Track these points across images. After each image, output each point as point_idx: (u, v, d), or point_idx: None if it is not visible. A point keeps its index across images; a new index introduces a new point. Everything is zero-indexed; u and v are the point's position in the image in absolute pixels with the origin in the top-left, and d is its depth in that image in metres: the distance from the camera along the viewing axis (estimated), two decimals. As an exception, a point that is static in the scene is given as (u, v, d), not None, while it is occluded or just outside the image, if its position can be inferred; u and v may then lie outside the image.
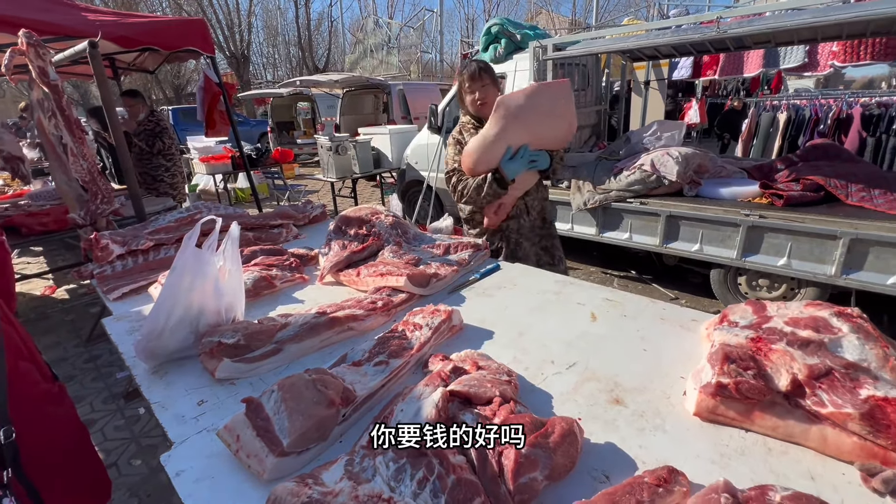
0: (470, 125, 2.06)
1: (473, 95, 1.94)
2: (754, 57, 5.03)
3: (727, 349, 0.90)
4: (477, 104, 1.95)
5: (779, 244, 2.72)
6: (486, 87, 1.93)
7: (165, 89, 22.33)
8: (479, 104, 1.94)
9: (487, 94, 1.94)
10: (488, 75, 1.95)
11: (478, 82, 1.92)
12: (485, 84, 1.93)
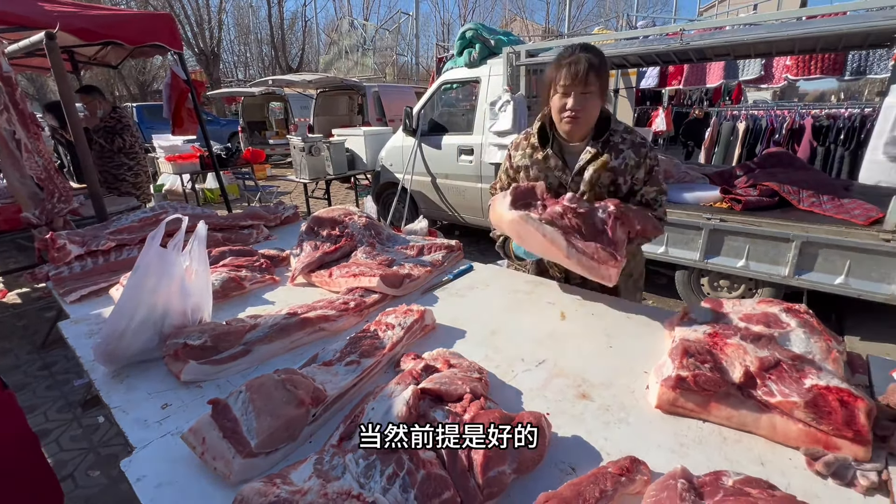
0: (527, 144, 1.52)
1: (566, 100, 1.35)
2: (716, 69, 5.28)
3: (686, 344, 0.94)
4: (565, 114, 1.36)
5: (738, 247, 2.86)
6: (589, 96, 1.33)
7: (129, 85, 21.46)
8: (569, 116, 1.36)
9: (586, 106, 1.34)
10: (598, 80, 1.33)
11: (579, 86, 1.32)
12: (588, 92, 1.33)
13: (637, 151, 1.41)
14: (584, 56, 1.32)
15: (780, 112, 5.44)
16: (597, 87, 1.34)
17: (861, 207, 2.74)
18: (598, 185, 1.42)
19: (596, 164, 1.41)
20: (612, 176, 1.41)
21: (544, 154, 1.48)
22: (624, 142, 1.42)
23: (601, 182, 1.42)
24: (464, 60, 4.38)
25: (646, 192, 1.45)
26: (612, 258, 1.17)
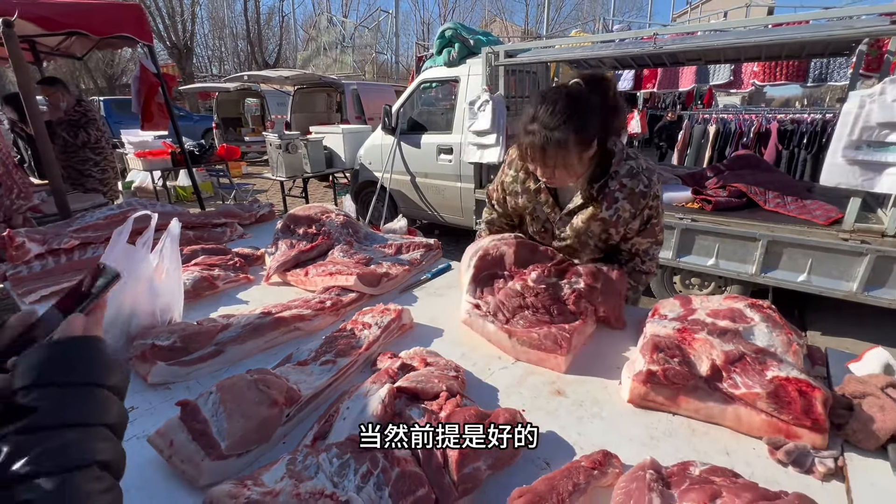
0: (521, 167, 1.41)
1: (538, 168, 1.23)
2: (688, 73, 5.44)
3: (656, 339, 0.97)
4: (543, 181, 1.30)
5: (708, 245, 2.95)
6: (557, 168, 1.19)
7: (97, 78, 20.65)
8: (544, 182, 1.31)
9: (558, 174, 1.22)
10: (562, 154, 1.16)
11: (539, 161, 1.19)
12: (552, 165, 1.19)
13: (634, 203, 1.27)
14: (543, 133, 1.14)
15: (748, 116, 5.64)
16: (564, 157, 1.16)
17: (822, 208, 2.87)
18: (587, 234, 1.35)
19: (585, 213, 1.32)
20: (603, 226, 1.32)
21: (537, 186, 1.39)
22: (622, 189, 1.27)
23: (590, 231, 1.34)
24: (443, 59, 4.38)
25: (637, 243, 1.35)
26: (557, 348, 1.05)
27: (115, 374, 0.49)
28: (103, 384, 0.47)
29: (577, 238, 1.37)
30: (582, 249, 1.41)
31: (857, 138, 2.33)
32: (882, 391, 0.82)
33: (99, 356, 0.49)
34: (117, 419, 0.47)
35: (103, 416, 0.46)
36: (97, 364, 0.48)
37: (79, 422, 0.43)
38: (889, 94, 2.24)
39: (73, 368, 0.46)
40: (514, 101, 4.12)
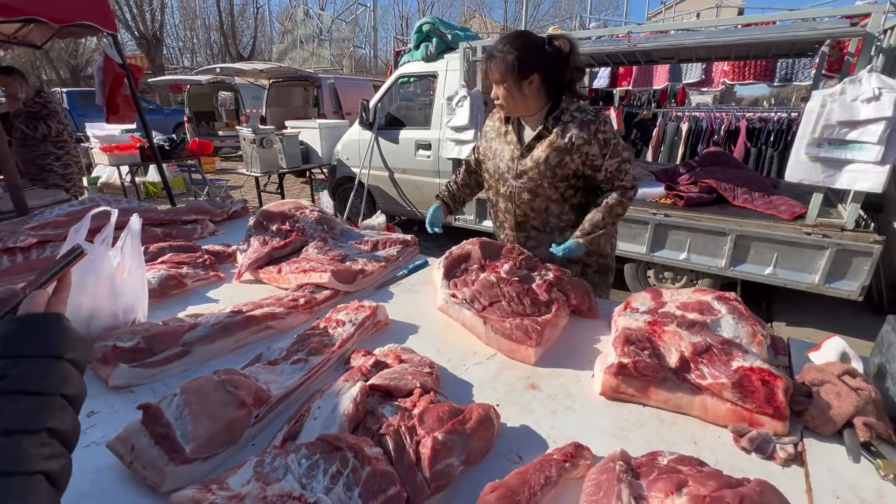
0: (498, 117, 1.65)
1: (495, 92, 1.49)
2: (661, 71, 5.55)
3: (627, 332, 0.98)
4: (496, 103, 1.52)
5: (680, 240, 3.03)
6: (509, 85, 1.43)
7: (59, 69, 19.72)
8: (498, 104, 1.52)
9: (508, 98, 1.46)
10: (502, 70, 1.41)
11: (495, 80, 1.45)
12: (505, 82, 1.43)
13: (585, 128, 1.45)
14: (491, 50, 1.45)
15: (719, 114, 5.81)
16: (502, 76, 1.41)
17: (787, 203, 2.98)
18: (545, 163, 1.50)
19: (543, 143, 1.51)
20: (559, 155, 1.49)
21: (506, 129, 1.61)
22: (573, 120, 1.48)
23: (548, 161, 1.50)
24: (420, 54, 4.35)
25: (608, 166, 1.50)
26: (527, 339, 1.06)
27: (76, 349, 0.51)
28: (62, 356, 0.49)
29: (536, 167, 1.52)
30: (540, 181, 1.54)
31: (818, 136, 2.42)
32: (839, 378, 0.86)
33: (60, 331, 0.51)
34: (75, 391, 0.49)
35: (61, 387, 0.47)
36: (58, 338, 0.50)
37: (35, 390, 0.45)
38: (849, 94, 2.33)
39: (34, 342, 0.49)
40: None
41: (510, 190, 1.61)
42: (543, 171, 1.51)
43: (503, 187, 1.63)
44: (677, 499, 0.60)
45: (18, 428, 0.42)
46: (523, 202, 1.61)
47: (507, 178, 1.61)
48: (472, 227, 4.06)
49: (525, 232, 1.68)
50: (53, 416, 0.46)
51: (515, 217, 1.66)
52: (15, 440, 0.42)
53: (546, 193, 1.57)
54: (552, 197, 1.58)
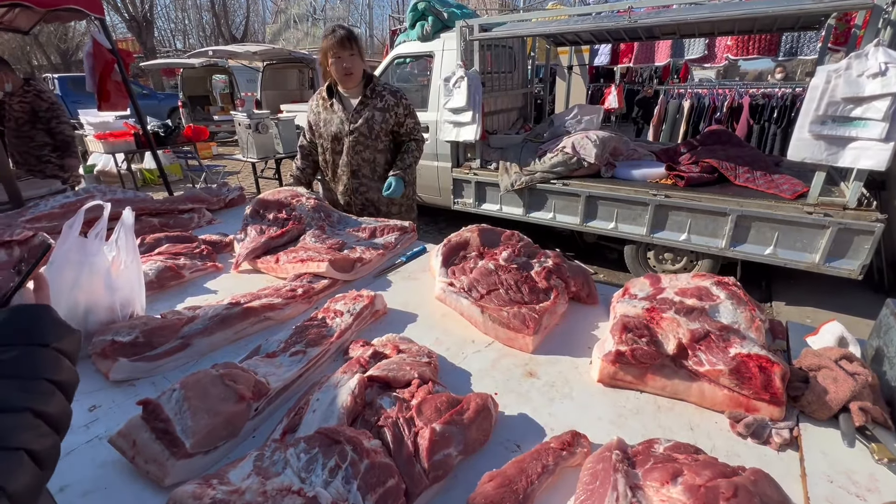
0: (319, 98, 2.17)
1: (341, 64, 1.97)
2: (663, 47, 5.42)
3: (626, 319, 0.98)
4: (343, 73, 1.99)
5: (680, 221, 3.01)
6: (354, 57, 1.97)
7: (50, 54, 19.35)
8: (345, 74, 1.99)
9: (355, 64, 1.99)
10: (357, 45, 1.98)
11: (346, 50, 1.95)
12: (353, 53, 1.97)
13: (394, 95, 2.09)
14: (342, 29, 1.97)
15: (722, 91, 5.70)
16: (357, 49, 1.97)
17: (789, 182, 2.94)
18: (372, 120, 2.06)
19: (367, 107, 2.06)
20: (382, 115, 2.06)
21: (330, 102, 2.10)
22: (385, 89, 2.09)
23: (374, 119, 2.06)
24: (416, 33, 4.24)
25: (408, 124, 2.15)
26: (524, 327, 1.06)
27: (63, 338, 0.52)
28: (49, 345, 0.49)
29: (365, 124, 2.06)
30: (369, 133, 2.08)
31: (822, 113, 2.38)
32: (836, 363, 0.86)
33: (47, 320, 0.52)
34: (63, 378, 0.50)
35: (48, 373, 0.48)
36: (45, 327, 0.51)
37: (21, 375, 0.46)
38: (854, 69, 2.28)
39: (22, 331, 0.49)
40: (489, 77, 4.05)
41: (344, 146, 2.11)
42: (371, 125, 2.06)
43: (339, 145, 2.14)
44: (672, 488, 0.60)
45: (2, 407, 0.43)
46: (356, 153, 2.11)
47: (340, 137, 2.11)
48: (470, 211, 4.04)
49: (358, 179, 2.18)
50: (38, 398, 0.46)
51: (350, 167, 2.14)
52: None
53: (373, 145, 2.11)
54: (378, 147, 2.12)
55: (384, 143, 2.14)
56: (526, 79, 4.89)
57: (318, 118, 2.17)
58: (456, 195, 4.07)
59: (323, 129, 2.15)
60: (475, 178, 3.87)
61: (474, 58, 3.62)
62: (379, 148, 2.14)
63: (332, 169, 2.24)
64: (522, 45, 4.76)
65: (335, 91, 2.10)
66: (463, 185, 4.00)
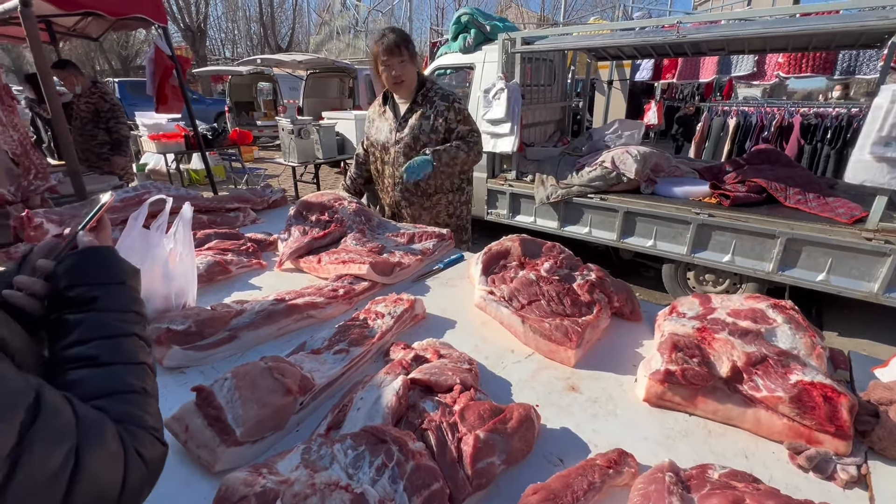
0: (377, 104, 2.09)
1: (390, 72, 1.87)
2: (709, 64, 5.28)
3: (675, 338, 0.95)
4: (392, 81, 1.89)
5: (724, 242, 2.90)
6: (405, 63, 1.86)
7: (111, 60, 20.73)
8: (395, 82, 1.88)
9: (405, 71, 1.88)
10: (407, 50, 1.86)
11: (395, 57, 1.84)
12: (403, 59, 1.86)
13: (445, 98, 1.95)
14: (392, 35, 1.84)
15: (770, 109, 5.49)
16: (407, 55, 1.85)
17: (845, 206, 2.79)
18: (418, 128, 1.94)
19: (416, 115, 1.95)
20: (430, 123, 1.93)
21: (384, 109, 2.04)
22: (437, 94, 1.96)
23: (422, 128, 1.94)
24: (458, 45, 4.31)
25: (461, 131, 1.97)
26: (567, 340, 1.04)
27: (132, 276, 0.62)
28: (125, 282, 0.60)
29: (411, 133, 1.95)
30: (413, 144, 1.96)
31: (886, 134, 2.25)
32: (910, 399, 0.80)
33: (117, 260, 0.62)
34: (142, 309, 0.60)
35: (131, 305, 0.59)
36: (119, 265, 0.61)
37: (119, 308, 0.57)
38: (923, 89, 2.15)
39: (102, 270, 0.59)
40: (529, 90, 4.05)
41: (392, 156, 2.01)
42: (416, 135, 1.94)
43: (387, 155, 2.03)
44: (733, 516, 0.57)
45: (118, 333, 0.55)
46: (400, 164, 1.98)
47: (388, 146, 2.01)
48: (503, 222, 4.03)
49: (406, 191, 2.07)
50: (136, 325, 0.58)
51: (395, 178, 2.04)
52: (118, 341, 0.54)
53: (418, 156, 1.94)
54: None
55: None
56: (565, 92, 4.86)
57: (371, 126, 2.11)
58: (489, 206, 4.07)
59: (374, 137, 2.08)
60: (510, 190, 3.86)
61: (515, 70, 3.63)
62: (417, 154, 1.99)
63: (381, 179, 2.16)
64: (563, 58, 4.75)
65: (389, 97, 2.03)
66: (497, 195, 3.99)
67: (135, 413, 0.50)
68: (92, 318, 0.54)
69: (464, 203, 2.17)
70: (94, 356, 0.52)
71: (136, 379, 0.53)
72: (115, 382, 0.51)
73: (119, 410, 0.48)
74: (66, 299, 0.56)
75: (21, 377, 0.40)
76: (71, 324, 0.54)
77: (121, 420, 0.47)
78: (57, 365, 0.52)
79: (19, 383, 0.39)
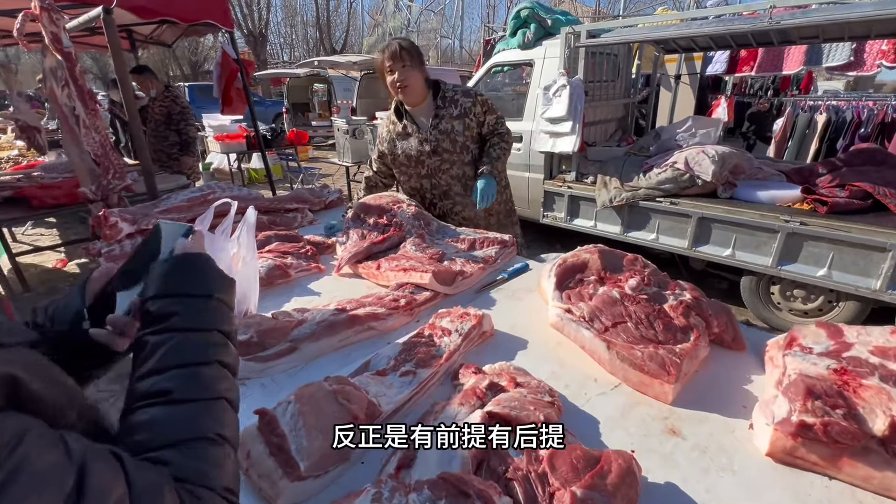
0: (388, 122, 1.96)
1: (393, 77, 1.76)
2: (795, 53, 4.77)
3: (808, 382, 0.78)
4: (397, 86, 1.77)
5: (819, 253, 2.56)
6: (407, 68, 1.75)
7: (182, 66, 22.29)
8: (399, 87, 1.77)
9: (409, 76, 1.76)
10: (410, 56, 1.75)
11: (398, 62, 1.74)
12: (405, 65, 1.75)
13: (468, 96, 1.86)
14: (395, 41, 1.77)
15: (867, 103, 4.87)
16: (409, 60, 1.75)
17: (975, 216, 2.37)
18: (453, 132, 1.84)
19: (444, 118, 1.84)
20: (462, 122, 1.84)
21: (402, 125, 1.90)
22: (456, 93, 1.87)
23: (455, 130, 1.84)
24: (517, 41, 4.15)
25: (489, 121, 1.90)
26: (664, 373, 0.89)
27: (225, 289, 0.56)
28: (212, 294, 0.54)
29: (447, 137, 1.84)
30: (453, 148, 1.86)
31: None
32: None
33: (211, 271, 0.57)
34: (230, 328, 0.55)
35: (219, 324, 0.53)
36: (211, 277, 0.56)
37: (203, 327, 0.51)
38: None
39: (193, 281, 0.55)
40: (591, 86, 3.82)
41: (428, 169, 1.91)
42: (454, 138, 1.85)
43: (422, 169, 1.92)
44: None
45: (198, 360, 0.49)
46: (443, 172, 1.91)
47: (422, 159, 1.89)
48: (560, 226, 3.83)
49: (451, 199, 1.98)
50: (219, 349, 0.51)
51: (440, 189, 1.96)
52: (197, 370, 0.48)
53: (460, 159, 1.89)
54: (465, 160, 1.90)
55: (472, 154, 1.91)
56: (629, 88, 4.57)
57: (392, 147, 1.95)
58: (546, 209, 3.89)
59: (401, 156, 1.93)
60: (569, 192, 3.66)
61: (578, 65, 3.43)
62: (466, 160, 1.91)
63: (420, 195, 2.02)
64: (628, 52, 4.45)
65: (404, 112, 1.89)
66: (555, 198, 3.80)
67: (204, 470, 0.42)
68: (170, 340, 0.49)
69: (504, 187, 2.10)
70: (167, 391, 0.46)
71: (213, 421, 0.46)
72: (187, 427, 0.44)
73: (186, 466, 0.41)
74: (146, 314, 0.51)
75: (58, 449, 0.33)
76: (149, 347, 0.49)
77: (186, 479, 0.40)
78: (129, 397, 0.47)
79: (55, 459, 0.32)
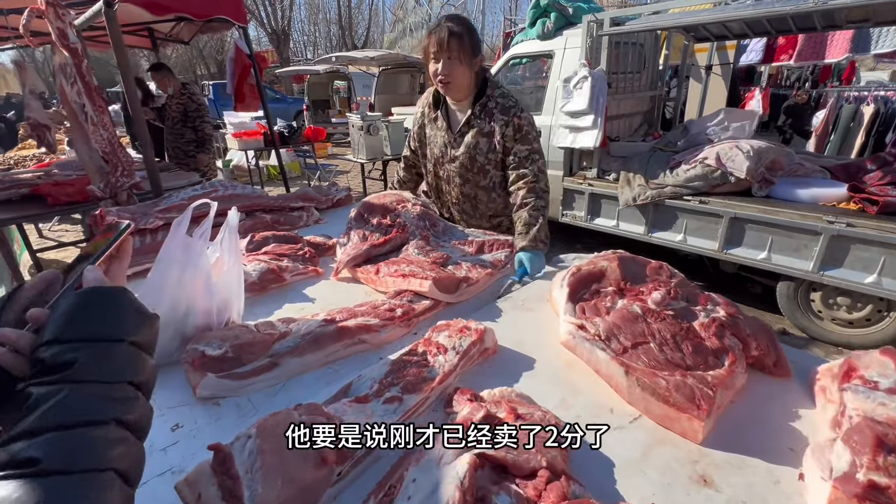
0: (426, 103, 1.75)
1: (437, 67, 1.51)
2: (840, 40, 4.43)
3: (879, 430, 0.63)
4: (438, 78, 1.52)
5: (869, 258, 2.33)
6: (453, 60, 1.49)
7: (210, 64, 22.80)
8: (440, 80, 1.52)
9: (453, 71, 1.50)
10: (459, 47, 1.47)
11: (444, 52, 1.48)
12: (451, 56, 1.48)
13: (505, 112, 1.58)
14: (447, 25, 1.48)
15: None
16: (458, 52, 1.48)
17: None
18: (475, 148, 1.64)
19: (473, 130, 1.63)
20: (488, 141, 1.62)
21: (435, 115, 1.72)
22: (497, 106, 1.60)
23: (479, 147, 1.63)
24: (536, 31, 3.98)
25: (518, 151, 1.59)
26: (693, 407, 0.76)
27: (140, 330, 0.47)
28: (123, 339, 0.45)
29: (467, 153, 1.65)
30: (470, 165, 1.67)
31: None
32: None
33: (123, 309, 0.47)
34: (143, 377, 0.45)
35: (128, 374, 0.44)
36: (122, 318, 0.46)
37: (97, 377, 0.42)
38: None
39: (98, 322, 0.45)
40: (615, 78, 3.62)
41: (447, 173, 1.75)
42: (474, 156, 1.64)
43: (441, 171, 1.77)
44: None
45: (87, 420, 0.39)
46: (456, 185, 1.75)
47: (443, 162, 1.74)
48: (580, 225, 3.66)
49: (461, 214, 1.83)
50: (120, 405, 0.42)
51: (451, 197, 1.80)
52: (82, 433, 0.38)
53: (475, 179, 1.70)
54: (480, 184, 1.70)
55: (492, 179, 1.69)
56: (656, 80, 4.33)
57: (422, 132, 1.81)
58: (565, 207, 3.73)
59: (427, 148, 1.79)
60: (590, 190, 3.48)
61: (601, 56, 3.25)
62: (481, 184, 1.70)
63: (436, 193, 1.90)
64: (655, 41, 4.22)
65: (442, 101, 1.68)
66: (575, 196, 3.63)
67: None
68: (58, 394, 0.39)
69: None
70: (35, 459, 0.35)
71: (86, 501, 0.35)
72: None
73: None
74: (37, 362, 0.41)
75: None
76: (31, 402, 0.39)
77: None
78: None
79: None
